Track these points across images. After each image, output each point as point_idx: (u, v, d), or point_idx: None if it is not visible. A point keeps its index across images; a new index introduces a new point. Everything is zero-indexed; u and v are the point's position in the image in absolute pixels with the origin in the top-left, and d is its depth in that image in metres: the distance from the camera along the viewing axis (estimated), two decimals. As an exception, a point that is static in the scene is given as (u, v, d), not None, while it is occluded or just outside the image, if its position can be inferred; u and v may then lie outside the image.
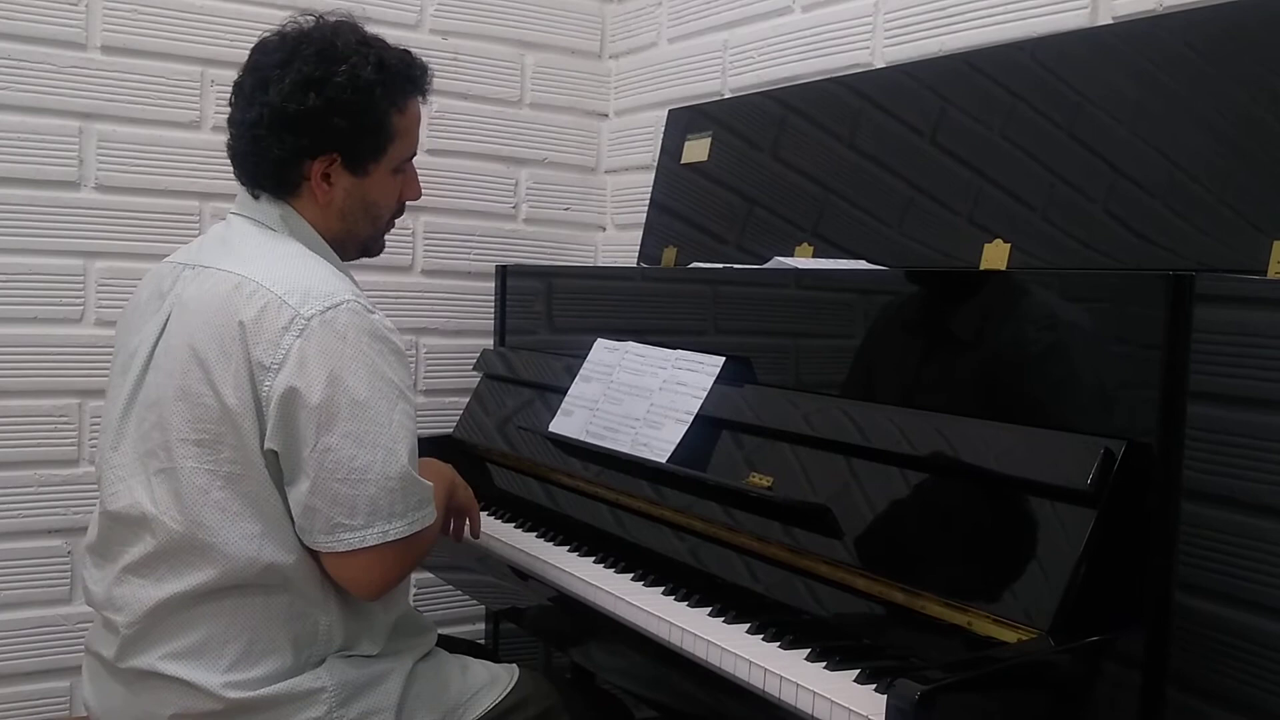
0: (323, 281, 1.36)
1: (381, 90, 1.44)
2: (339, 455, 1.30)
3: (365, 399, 1.31)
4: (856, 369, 1.49)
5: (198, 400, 1.33)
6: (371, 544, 1.31)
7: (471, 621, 2.56)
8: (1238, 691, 1.04)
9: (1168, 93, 1.47)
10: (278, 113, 1.40)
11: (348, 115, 1.42)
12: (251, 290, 1.33)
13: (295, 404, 1.29)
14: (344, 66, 1.41)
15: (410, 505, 1.34)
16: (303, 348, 1.30)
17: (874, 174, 1.85)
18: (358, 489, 1.30)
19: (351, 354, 1.31)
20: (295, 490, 1.32)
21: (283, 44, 1.43)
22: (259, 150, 1.43)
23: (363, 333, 1.33)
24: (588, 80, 2.71)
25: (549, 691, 1.56)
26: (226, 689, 1.32)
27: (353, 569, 1.34)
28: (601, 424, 1.77)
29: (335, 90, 1.40)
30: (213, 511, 1.32)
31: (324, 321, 1.31)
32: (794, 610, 1.36)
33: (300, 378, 1.29)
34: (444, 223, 2.54)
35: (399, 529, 1.33)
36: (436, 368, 2.55)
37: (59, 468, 2.16)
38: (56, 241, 2.14)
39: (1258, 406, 1.03)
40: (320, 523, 1.31)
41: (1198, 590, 1.07)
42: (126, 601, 1.36)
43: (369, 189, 1.49)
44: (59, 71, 2.12)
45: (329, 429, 1.30)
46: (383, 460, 1.31)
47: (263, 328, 1.31)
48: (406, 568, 1.40)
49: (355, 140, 1.44)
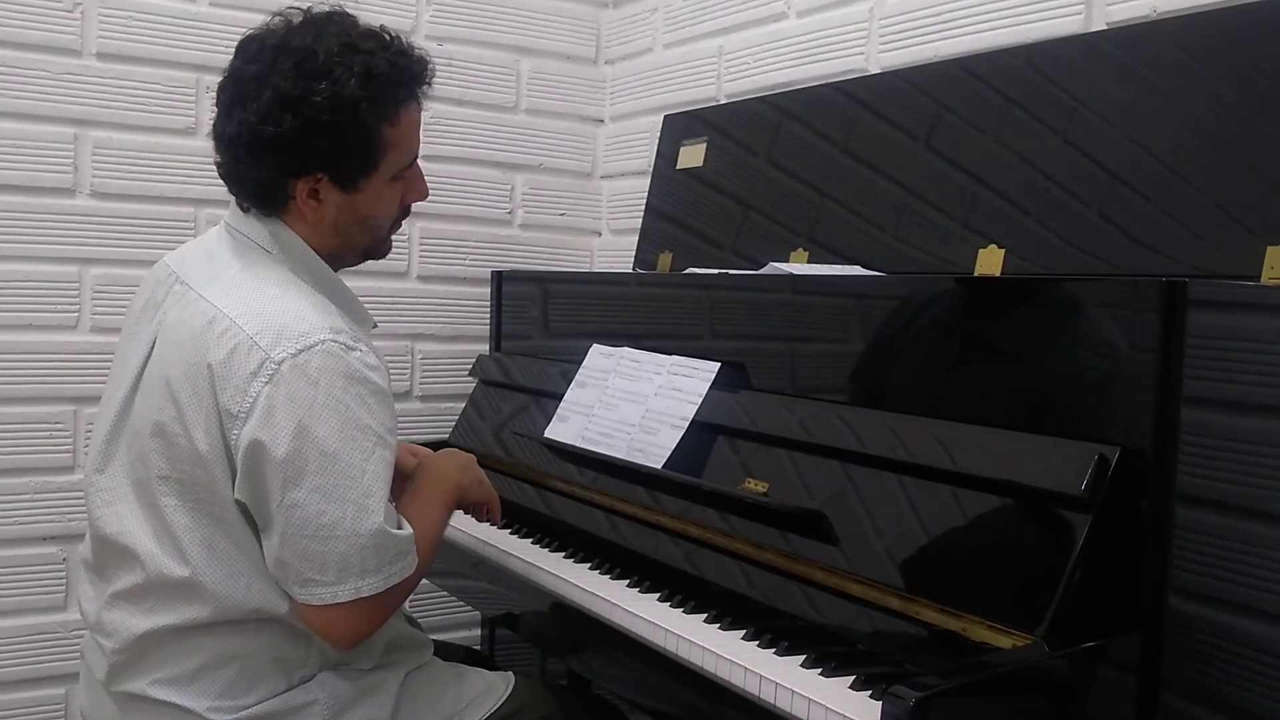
0: (299, 319, 1.28)
1: (368, 105, 1.33)
2: (306, 511, 1.24)
3: (335, 450, 1.24)
4: (852, 375, 1.49)
5: (173, 439, 1.29)
6: (344, 600, 1.27)
7: (467, 628, 2.55)
8: (1232, 696, 1.04)
9: (1162, 98, 1.47)
10: (255, 133, 1.31)
11: (329, 136, 1.32)
12: (223, 329, 1.28)
13: (261, 457, 1.24)
14: (324, 84, 1.31)
15: (384, 560, 1.28)
16: (271, 395, 1.24)
17: (869, 179, 1.86)
18: (327, 545, 1.25)
19: (324, 401, 1.25)
20: (268, 542, 1.28)
21: (261, 52, 1.34)
22: (239, 171, 1.36)
23: (337, 376, 1.26)
24: (583, 86, 2.71)
25: (545, 699, 1.55)
26: (217, 714, 1.31)
27: (327, 622, 1.30)
28: (597, 429, 1.77)
29: (314, 110, 1.30)
30: (200, 550, 1.29)
31: (295, 366, 1.25)
32: (789, 616, 1.36)
33: (266, 430, 1.23)
34: (440, 228, 2.53)
35: (372, 585, 1.28)
36: (432, 373, 2.55)
37: (54, 475, 2.16)
38: (51, 248, 2.13)
39: (1251, 411, 1.03)
40: (292, 575, 1.27)
41: (1192, 595, 1.07)
42: (116, 628, 1.35)
43: (363, 203, 1.40)
44: (54, 78, 2.12)
45: (296, 484, 1.24)
46: (353, 516, 1.25)
47: (231, 372, 1.25)
48: (384, 617, 1.36)
49: (341, 159, 1.36)
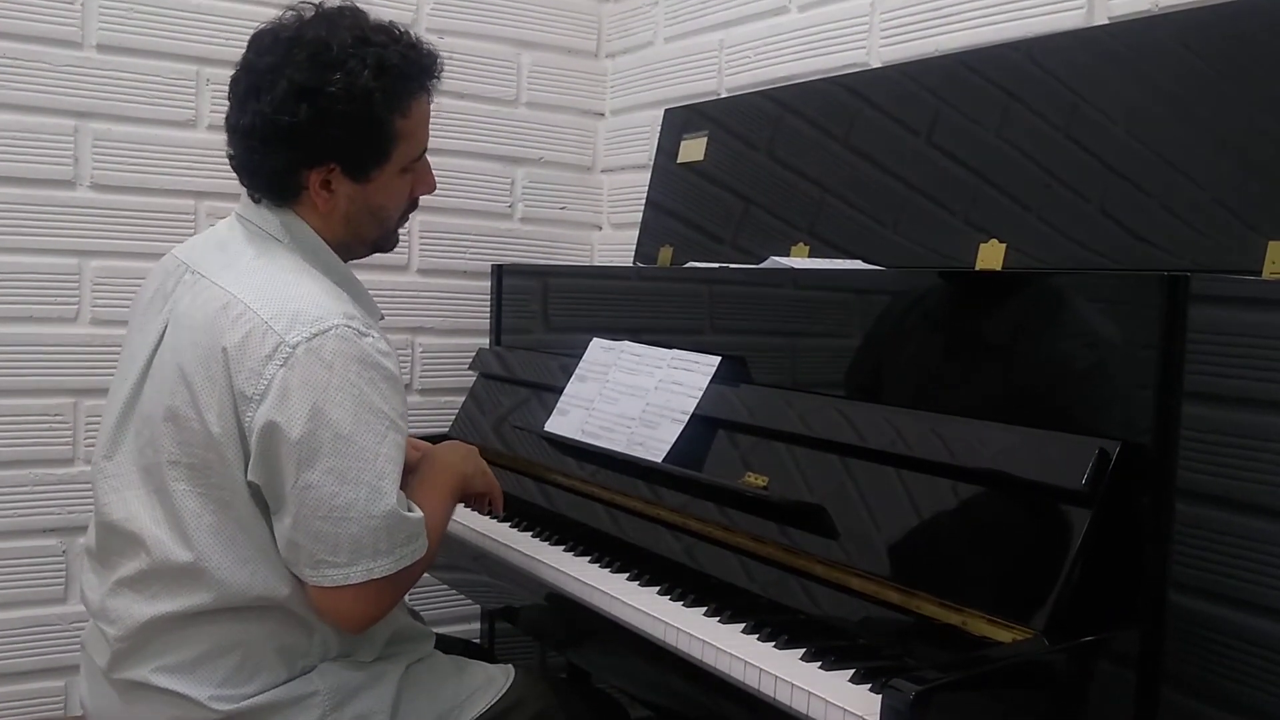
0: (313, 304, 1.30)
1: (381, 96, 1.36)
2: (320, 493, 1.26)
3: (349, 433, 1.26)
4: (852, 369, 1.49)
5: (185, 424, 1.30)
6: (356, 581, 1.28)
7: (467, 621, 2.55)
8: (1232, 691, 1.04)
9: (1164, 93, 1.47)
10: (269, 124, 1.34)
11: (343, 126, 1.35)
12: (238, 313, 1.29)
13: (276, 439, 1.25)
14: (338, 75, 1.33)
15: (396, 542, 1.30)
16: (285, 378, 1.26)
17: (870, 174, 1.85)
18: (340, 527, 1.26)
19: (337, 384, 1.27)
20: (280, 524, 1.29)
21: (275, 45, 1.36)
22: (253, 161, 1.38)
23: (351, 360, 1.28)
24: (584, 79, 2.71)
25: (545, 692, 1.55)
26: (218, 702, 1.31)
27: (337, 604, 1.31)
28: (597, 423, 1.77)
29: (328, 101, 1.33)
30: (207, 535, 1.30)
31: (310, 349, 1.27)
32: (789, 610, 1.36)
33: (281, 411, 1.25)
34: (440, 222, 2.53)
35: (384, 566, 1.29)
36: (432, 367, 2.55)
37: (54, 467, 2.16)
38: (51, 240, 2.13)
39: (1252, 406, 1.03)
40: (304, 557, 1.28)
41: (1192, 590, 1.07)
42: (120, 615, 1.35)
43: (373, 194, 1.43)
44: (54, 70, 2.11)
45: (310, 465, 1.25)
46: (366, 498, 1.27)
47: (246, 355, 1.27)
48: (394, 600, 1.37)
49: (354, 149, 1.38)
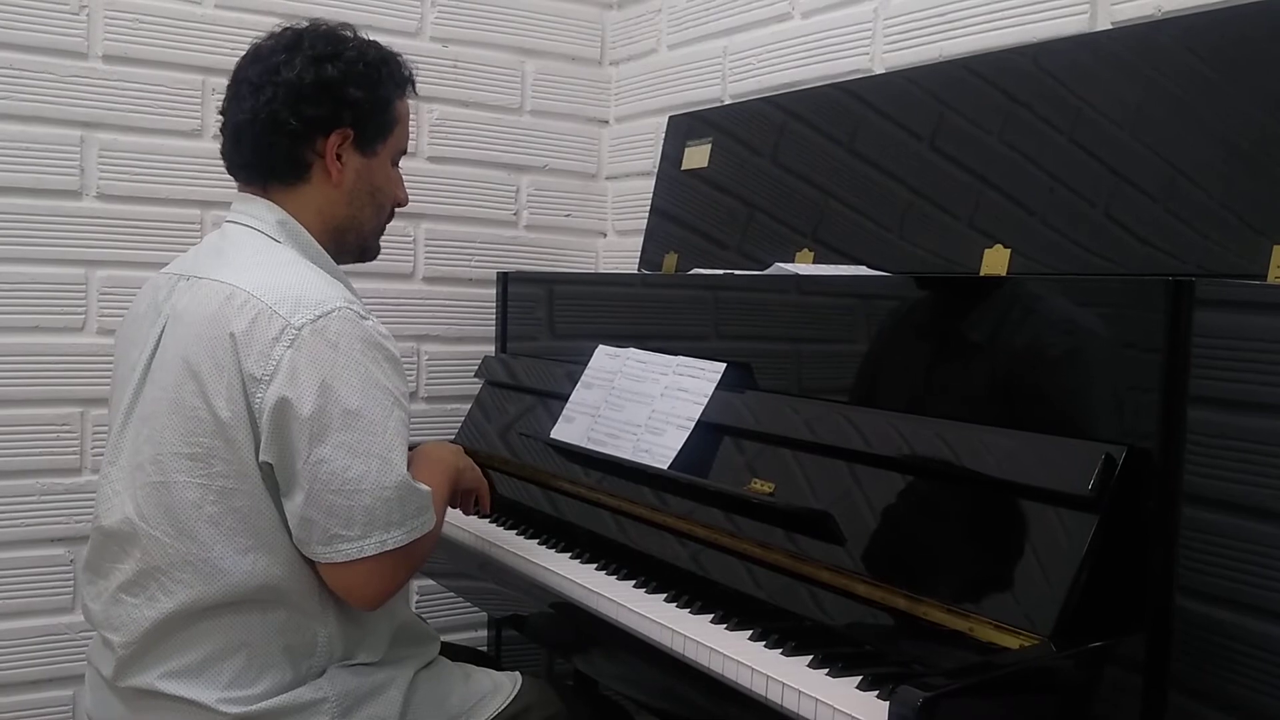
0: (315, 289, 1.34)
1: (385, 71, 1.49)
2: (332, 466, 1.29)
3: (358, 408, 1.30)
4: (858, 375, 1.48)
5: (191, 413, 1.32)
6: (369, 554, 1.31)
7: (474, 629, 2.56)
8: (1240, 696, 1.03)
9: (1167, 97, 1.47)
10: (294, 87, 1.41)
11: (362, 85, 1.45)
12: (243, 301, 1.32)
13: (287, 415, 1.28)
14: (349, 47, 1.46)
15: (408, 513, 1.33)
16: (293, 358, 1.29)
17: (874, 179, 1.86)
18: (353, 500, 1.29)
19: (344, 362, 1.30)
20: (291, 502, 1.32)
21: (282, 37, 1.46)
22: (275, 127, 1.42)
23: (355, 340, 1.32)
24: (588, 87, 2.71)
25: (552, 699, 1.56)
26: (227, 705, 1.32)
27: (351, 579, 1.33)
28: (603, 430, 1.77)
29: (348, 63, 1.44)
30: (205, 526, 1.31)
31: (315, 330, 1.30)
32: (796, 617, 1.36)
33: (291, 388, 1.28)
34: (445, 230, 2.54)
35: (397, 538, 1.32)
36: (438, 375, 2.55)
37: (61, 476, 2.16)
38: (58, 250, 2.14)
39: (1258, 411, 1.03)
40: (317, 534, 1.31)
41: (1199, 595, 1.07)
42: (123, 622, 1.36)
43: (375, 172, 1.50)
44: (60, 80, 2.12)
45: (321, 440, 1.29)
46: (378, 470, 1.30)
47: (253, 339, 1.30)
48: (406, 575, 1.40)
49: (368, 115, 1.47)
